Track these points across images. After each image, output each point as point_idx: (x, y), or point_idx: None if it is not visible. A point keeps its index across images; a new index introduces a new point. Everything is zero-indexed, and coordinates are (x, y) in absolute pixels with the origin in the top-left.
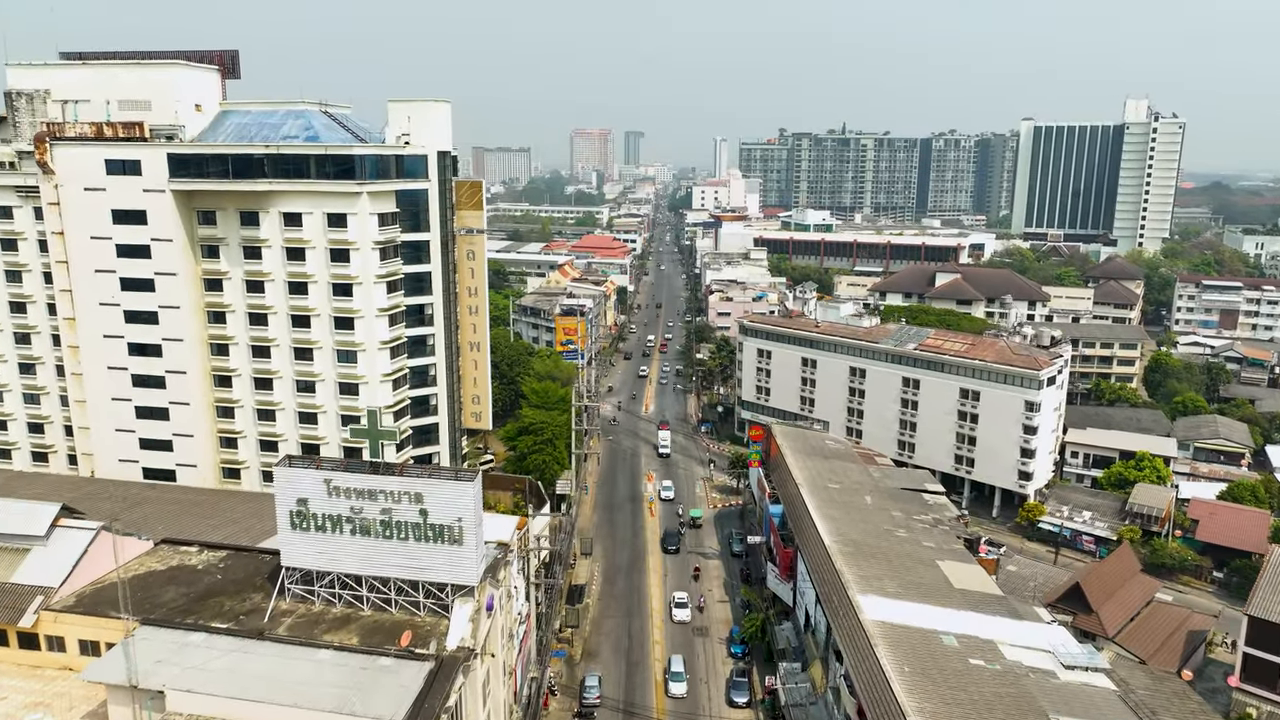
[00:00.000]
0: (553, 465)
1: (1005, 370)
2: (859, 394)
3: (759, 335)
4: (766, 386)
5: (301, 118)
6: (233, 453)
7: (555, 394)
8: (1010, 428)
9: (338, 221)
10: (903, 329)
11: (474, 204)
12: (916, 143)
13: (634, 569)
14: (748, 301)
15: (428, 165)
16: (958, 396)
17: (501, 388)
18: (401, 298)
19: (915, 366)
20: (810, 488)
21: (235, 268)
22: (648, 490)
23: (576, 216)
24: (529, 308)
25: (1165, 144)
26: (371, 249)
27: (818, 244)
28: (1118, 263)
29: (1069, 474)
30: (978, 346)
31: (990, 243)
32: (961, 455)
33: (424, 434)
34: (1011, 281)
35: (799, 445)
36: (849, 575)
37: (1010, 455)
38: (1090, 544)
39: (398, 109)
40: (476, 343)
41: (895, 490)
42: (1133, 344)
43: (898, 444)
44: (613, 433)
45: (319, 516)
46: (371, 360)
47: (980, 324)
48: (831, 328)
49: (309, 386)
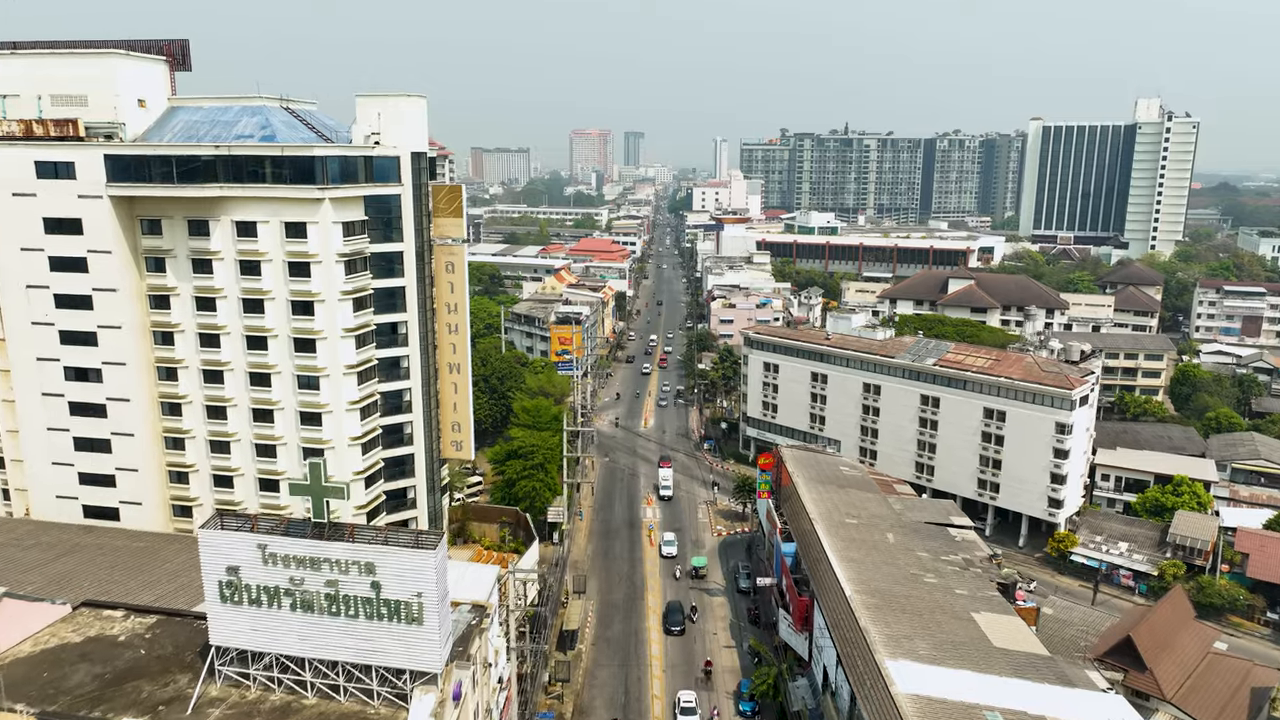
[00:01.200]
0: (544, 492)
1: (1034, 389)
2: (873, 412)
3: (765, 348)
4: (773, 403)
5: (258, 114)
6: (183, 488)
7: (548, 413)
8: (1039, 451)
9: (297, 231)
10: (920, 342)
11: (453, 211)
12: (920, 143)
13: (632, 609)
14: (751, 308)
15: (400, 168)
16: (981, 416)
17: (492, 403)
18: (371, 316)
19: (935, 384)
20: (826, 524)
21: (184, 283)
22: (646, 516)
23: (575, 218)
24: (523, 315)
25: (1179, 144)
26: (335, 262)
27: (822, 247)
28: (1135, 267)
29: (1099, 498)
30: (1002, 362)
31: (999, 245)
32: (985, 480)
33: (398, 465)
34: (1028, 288)
35: (812, 473)
36: (875, 635)
37: (1039, 481)
38: (1128, 579)
39: (367, 104)
40: (457, 364)
41: (919, 525)
42: (1158, 354)
43: (915, 466)
44: (609, 450)
45: (253, 588)
46: (336, 386)
47: (1000, 335)
48: (843, 340)
49: (267, 415)
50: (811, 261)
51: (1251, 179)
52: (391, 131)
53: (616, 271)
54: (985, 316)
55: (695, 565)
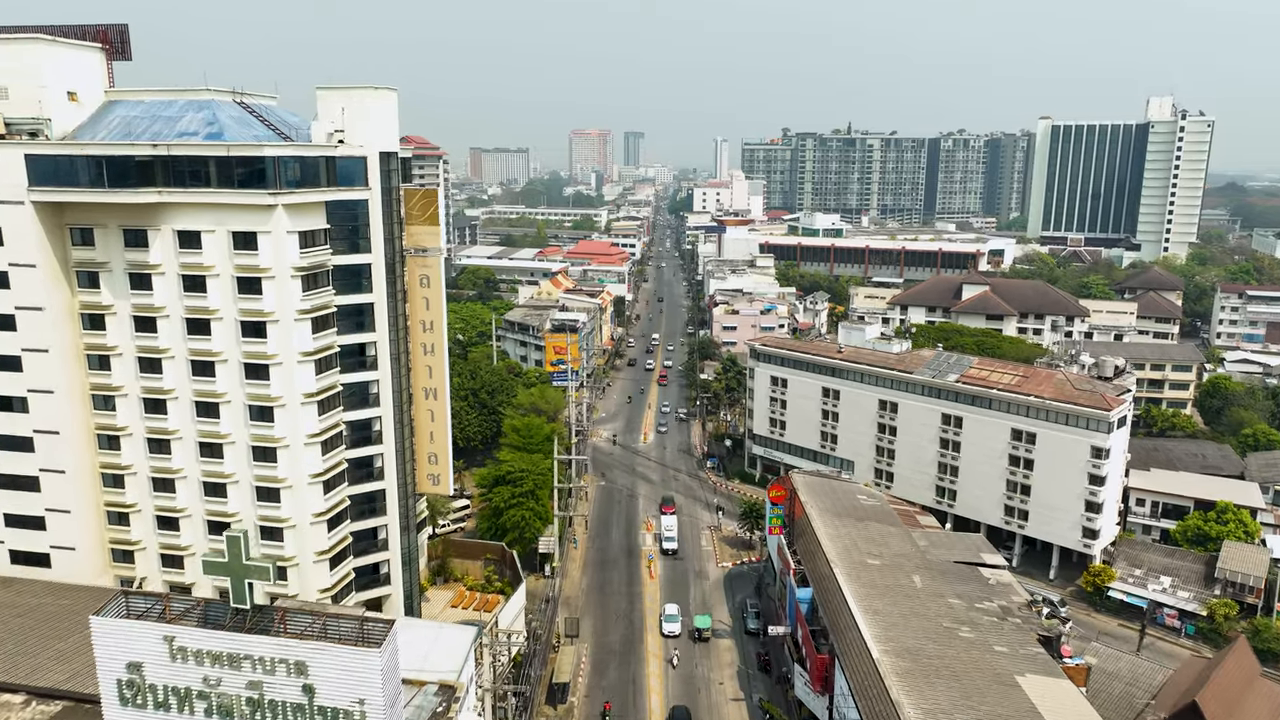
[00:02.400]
0: (534, 522)
1: (1067, 410)
2: (889, 431)
3: (773, 361)
4: (781, 419)
5: (205, 110)
6: (123, 531)
7: (540, 433)
8: (1073, 477)
9: (246, 242)
10: (940, 356)
11: (428, 218)
12: (924, 143)
13: (629, 653)
14: (755, 315)
15: (366, 169)
16: (1009, 438)
17: (482, 419)
18: (334, 337)
19: (957, 402)
20: (846, 566)
21: (121, 300)
22: (646, 542)
23: (574, 219)
24: (516, 323)
25: (1193, 143)
26: (291, 276)
27: (827, 250)
28: (1155, 272)
29: (1133, 524)
30: (1031, 379)
31: (1010, 248)
32: (1012, 506)
33: (367, 503)
34: (1046, 295)
35: (827, 503)
36: (910, 710)
37: (1072, 509)
38: (1173, 618)
39: (329, 99)
40: (433, 389)
41: (948, 565)
42: (1186, 365)
43: (936, 490)
44: (606, 469)
45: (159, 690)
46: (293, 417)
47: (1023, 347)
48: (857, 353)
49: (216, 450)
50: (816, 264)
51: (1255, 179)
52: (357, 129)
53: (615, 275)
54: (1001, 324)
55: (699, 628)
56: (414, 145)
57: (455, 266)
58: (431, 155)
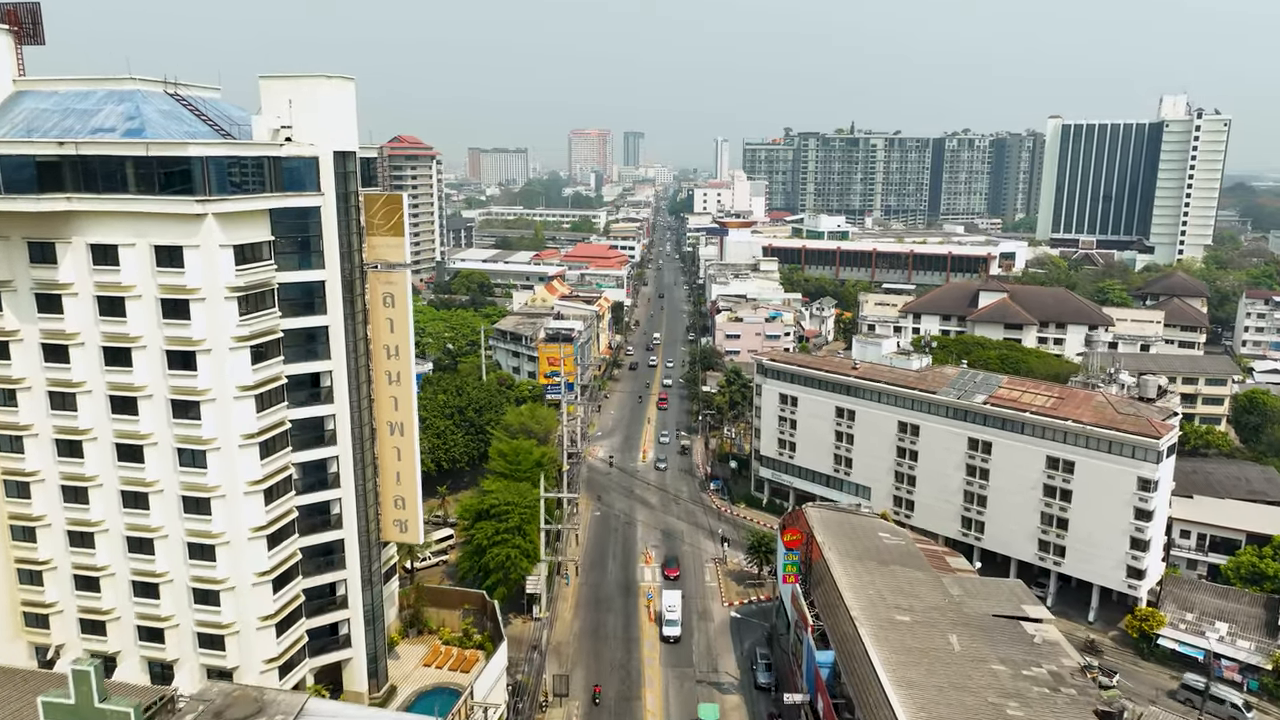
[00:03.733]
0: (520, 561)
1: (1111, 437)
2: (909, 455)
3: (782, 377)
4: (791, 440)
5: (127, 102)
6: (36, 591)
7: (529, 458)
8: (1116, 510)
9: (171, 258)
10: (965, 375)
11: (392, 227)
12: (929, 142)
13: (625, 714)
14: (760, 322)
15: (318, 172)
16: (1043, 466)
17: (469, 439)
18: (279, 367)
19: (986, 425)
20: (872, 625)
21: (27, 325)
22: (645, 578)
23: (572, 221)
24: (508, 333)
25: (1209, 143)
26: (226, 298)
27: (833, 253)
28: (1178, 277)
29: (1176, 558)
30: (1068, 401)
31: (1021, 251)
32: (1047, 541)
33: (324, 555)
34: (1067, 302)
35: (846, 545)
36: None
37: (1115, 546)
38: (1233, 670)
39: (273, 89)
40: (399, 423)
41: (987, 619)
42: (1220, 378)
43: (961, 520)
44: (602, 492)
45: None
46: (230, 462)
47: (1053, 363)
48: (873, 370)
49: (140, 500)
50: (821, 268)
51: (1260, 178)
52: (307, 124)
53: (614, 280)
54: (1020, 334)
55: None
56: (407, 145)
57: (448, 270)
58: (425, 155)
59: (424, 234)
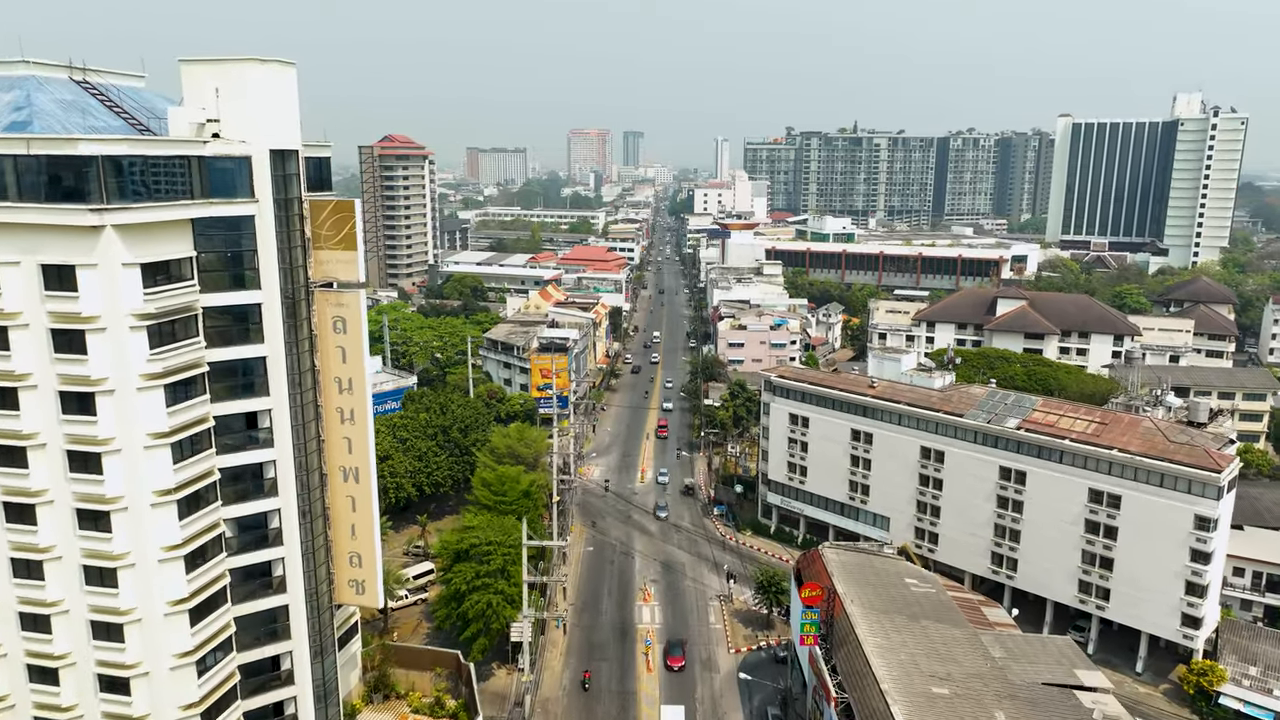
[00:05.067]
0: (503, 609)
1: (1163, 469)
2: (933, 484)
3: (792, 396)
4: (802, 464)
5: (16, 89)
6: None
7: (515, 488)
8: (1169, 551)
9: (61, 279)
10: (995, 396)
11: (342, 239)
12: (933, 142)
13: None
14: (764, 330)
15: (251, 174)
16: (1085, 500)
17: (453, 461)
18: (205, 407)
19: (1019, 453)
20: (907, 703)
21: None
22: (643, 620)
23: (570, 222)
24: (499, 342)
25: (1226, 142)
26: (132, 327)
27: (838, 256)
28: (1203, 282)
29: (1228, 597)
30: (1112, 426)
31: (1033, 254)
32: (1089, 583)
33: (264, 624)
34: (1090, 310)
35: (870, 595)
36: None
37: (1168, 591)
38: None
39: (196, 75)
40: (353, 468)
41: (1036, 689)
42: (1260, 393)
43: (991, 556)
44: (597, 517)
45: None
46: (138, 523)
47: (1088, 380)
48: (892, 389)
49: (33, 568)
50: (826, 271)
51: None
52: (238, 117)
53: (612, 284)
54: (1041, 344)
55: None
56: (398, 144)
57: (440, 274)
58: (417, 155)
59: (416, 237)
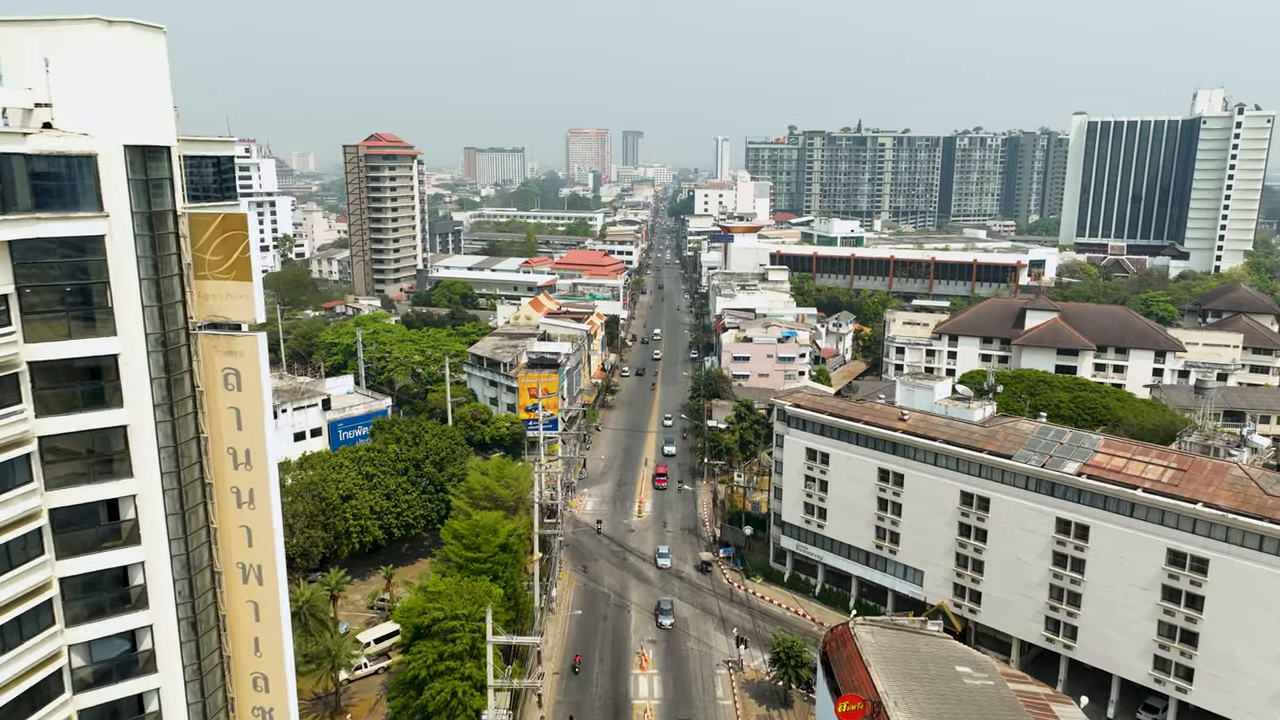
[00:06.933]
0: (470, 698)
1: (1262, 529)
2: (976, 535)
3: (809, 428)
4: (820, 505)
5: None
6: None
7: (492, 541)
8: (1269, 627)
9: None
10: (1047, 433)
11: (233, 265)
12: (939, 141)
13: None
14: (772, 342)
15: (98, 179)
16: (1162, 562)
17: (426, 499)
18: (33, 499)
19: (1080, 503)
20: None
21: None
22: (640, 693)
23: (567, 223)
24: (485, 358)
25: (1251, 141)
26: None
27: (847, 260)
28: (1243, 291)
29: None
30: (1193, 474)
31: (1052, 258)
32: (1167, 660)
33: None
34: (1127, 324)
35: (920, 699)
36: None
37: (1269, 676)
38: None
39: (17, 40)
40: (255, 565)
41: None
42: None
43: (1046, 622)
44: (589, 559)
45: None
46: None
47: (1148, 411)
48: (926, 423)
49: None
50: (833, 277)
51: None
52: (76, 100)
53: (609, 290)
54: (1075, 360)
55: None
56: (385, 143)
57: (429, 280)
58: (405, 154)
59: (404, 241)
